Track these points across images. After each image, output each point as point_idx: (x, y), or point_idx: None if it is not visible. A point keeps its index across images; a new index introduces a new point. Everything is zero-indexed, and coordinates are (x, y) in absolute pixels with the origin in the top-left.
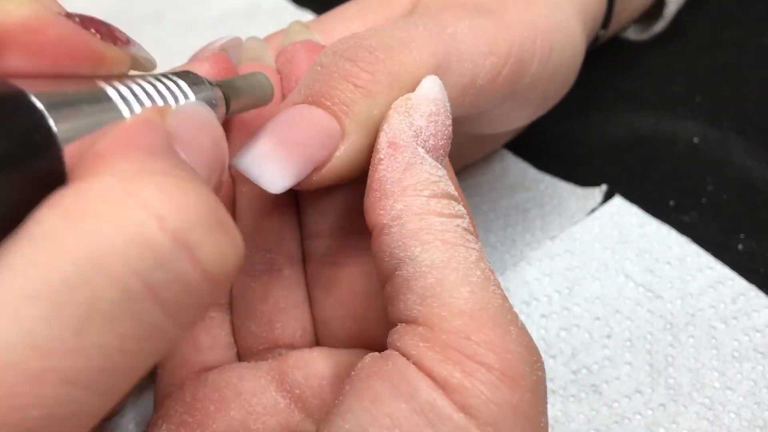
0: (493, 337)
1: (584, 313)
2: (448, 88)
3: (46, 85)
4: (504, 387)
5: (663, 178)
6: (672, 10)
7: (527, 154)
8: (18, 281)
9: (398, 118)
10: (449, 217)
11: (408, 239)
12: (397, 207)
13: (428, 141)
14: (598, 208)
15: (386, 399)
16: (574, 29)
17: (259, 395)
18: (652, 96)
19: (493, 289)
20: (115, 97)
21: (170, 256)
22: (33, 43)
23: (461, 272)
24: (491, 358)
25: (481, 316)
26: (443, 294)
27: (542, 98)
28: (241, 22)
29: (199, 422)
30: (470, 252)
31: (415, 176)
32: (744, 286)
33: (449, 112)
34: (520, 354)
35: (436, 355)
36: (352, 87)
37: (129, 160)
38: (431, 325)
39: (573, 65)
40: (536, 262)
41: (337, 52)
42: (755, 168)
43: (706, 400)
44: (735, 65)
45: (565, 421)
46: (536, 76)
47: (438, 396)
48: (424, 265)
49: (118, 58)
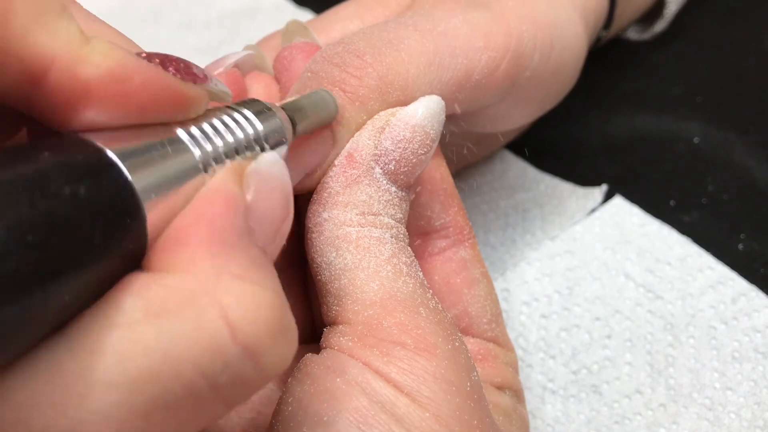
0: (403, 318)
1: (584, 313)
2: (442, 85)
3: (125, 141)
4: (420, 358)
5: (663, 178)
6: (672, 10)
7: (527, 155)
8: (100, 369)
9: (367, 134)
10: (367, 227)
11: (325, 246)
12: (323, 215)
13: (389, 164)
14: (599, 208)
15: (322, 377)
16: (575, 27)
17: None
18: (652, 96)
19: (404, 280)
20: (192, 146)
21: (237, 363)
22: (119, 94)
23: (371, 270)
24: (403, 336)
25: (390, 304)
26: (354, 291)
27: (545, 95)
28: (240, 21)
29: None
30: (382, 251)
31: (353, 194)
32: (744, 286)
33: (431, 140)
34: (432, 329)
35: (355, 344)
36: (342, 93)
37: (212, 255)
38: (347, 320)
39: (575, 63)
40: (536, 263)
41: (326, 59)
42: (756, 168)
43: (706, 401)
44: (736, 65)
45: (566, 421)
46: (538, 71)
47: (366, 371)
48: (337, 269)
49: (199, 98)
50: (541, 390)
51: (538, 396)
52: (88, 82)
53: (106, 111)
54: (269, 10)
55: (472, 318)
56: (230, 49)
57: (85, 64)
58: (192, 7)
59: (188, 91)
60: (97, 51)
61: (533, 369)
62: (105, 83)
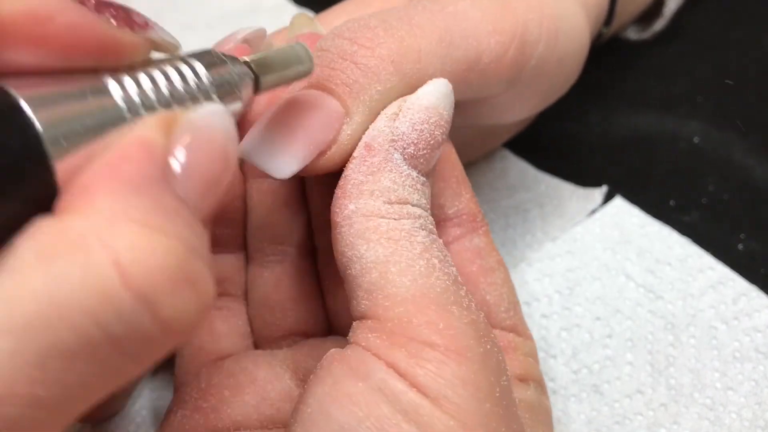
0: (435, 318)
1: (585, 313)
2: (453, 63)
3: (43, 87)
4: (450, 361)
5: (664, 178)
6: (672, 8)
7: (528, 154)
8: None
9: (382, 122)
10: (398, 218)
11: (355, 238)
12: (350, 207)
13: (408, 148)
14: (599, 209)
15: (344, 381)
16: (579, 20)
17: (274, 382)
18: (653, 95)
19: (437, 276)
20: (119, 98)
21: (130, 311)
22: (38, 35)
23: (403, 264)
24: (434, 336)
25: (422, 302)
26: (386, 286)
27: (549, 87)
28: (241, 21)
29: (213, 407)
30: (414, 245)
31: (377, 182)
32: (745, 286)
33: (445, 121)
34: (464, 330)
35: (383, 342)
36: (353, 66)
37: (112, 198)
38: (377, 316)
39: (579, 55)
40: (537, 263)
41: (337, 35)
42: (756, 168)
43: (707, 401)
44: (736, 65)
45: (566, 421)
46: (543, 60)
47: (391, 375)
48: (369, 262)
49: (135, 46)
50: None
51: None
52: (4, 20)
53: (25, 52)
54: (270, 10)
55: (490, 307)
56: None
57: (3, 2)
58: (193, 8)
59: (121, 37)
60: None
61: None
62: (23, 23)
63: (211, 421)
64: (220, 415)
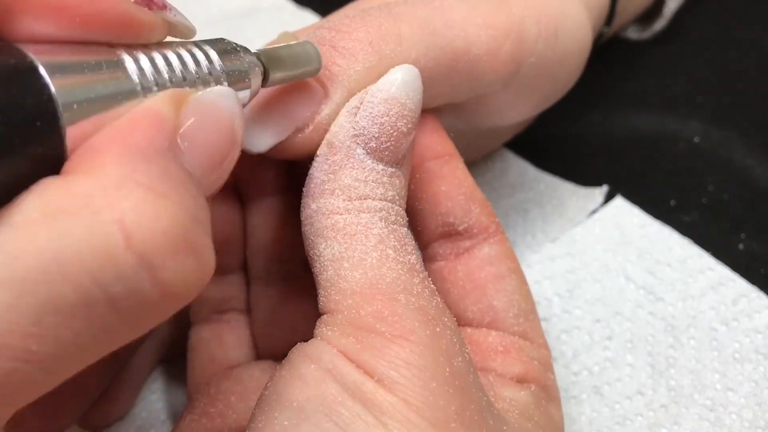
0: (381, 307)
1: (585, 315)
2: (438, 51)
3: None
4: (393, 345)
5: (664, 178)
6: (672, 8)
7: (528, 154)
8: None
9: (343, 117)
10: (357, 213)
11: (315, 237)
12: (312, 207)
13: (370, 143)
14: (599, 209)
15: (299, 364)
16: (581, 19)
17: None
18: (653, 95)
19: (389, 266)
20: (134, 73)
21: (131, 273)
22: (59, 5)
23: (356, 259)
24: (378, 324)
25: (369, 292)
26: (339, 282)
27: (550, 86)
28: (241, 21)
29: (220, 412)
30: (369, 238)
31: (338, 180)
32: (745, 287)
33: (409, 110)
34: (409, 315)
35: (334, 333)
36: (332, 49)
37: (120, 163)
38: (331, 310)
39: (580, 55)
40: (537, 265)
41: (318, 26)
42: (756, 167)
43: (707, 402)
44: (736, 65)
45: (567, 422)
46: (543, 58)
47: (340, 358)
48: (326, 260)
49: (152, 25)
50: None
51: None
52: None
53: (45, 21)
54: (269, 10)
55: (497, 312)
56: None
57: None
58: (192, 7)
59: (140, 15)
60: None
61: None
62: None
63: (217, 426)
64: (226, 420)
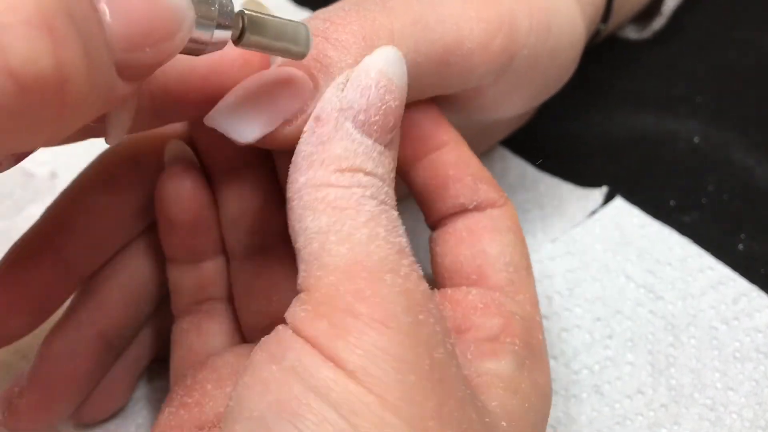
0: (363, 286)
1: (585, 313)
2: (430, 44)
3: None
4: (371, 331)
5: (663, 178)
6: (670, 6)
7: (527, 154)
8: None
9: (330, 92)
10: (348, 186)
11: (303, 210)
12: (300, 180)
13: (358, 116)
14: (599, 210)
15: (261, 367)
16: (574, 13)
17: None
18: (652, 95)
19: (377, 244)
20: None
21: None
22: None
23: (344, 233)
24: (358, 305)
25: (354, 269)
26: (323, 256)
27: (543, 81)
28: None
29: (197, 401)
30: (361, 214)
31: (327, 151)
32: (745, 286)
33: (396, 86)
34: (392, 298)
35: (308, 315)
36: (324, 41)
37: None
38: (309, 287)
39: (573, 50)
40: (537, 265)
41: (312, 17)
42: (756, 167)
43: (707, 401)
44: (736, 65)
45: (567, 421)
46: (534, 52)
47: (306, 352)
48: (312, 233)
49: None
50: None
51: None
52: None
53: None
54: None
55: (488, 256)
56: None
57: None
58: None
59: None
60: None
61: None
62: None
63: (195, 415)
64: (203, 409)
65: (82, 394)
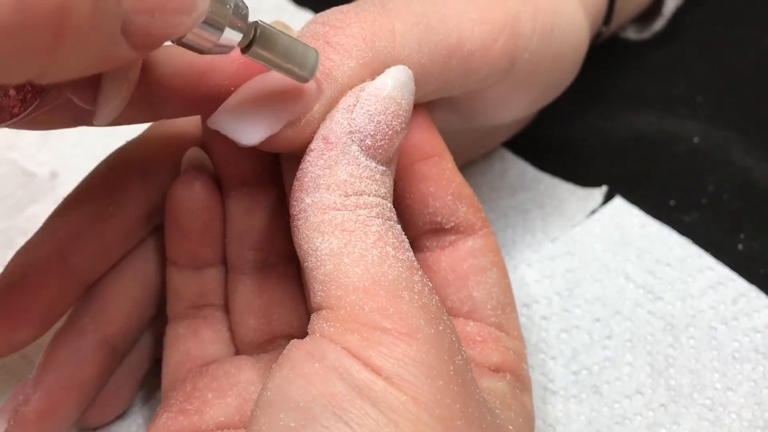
0: (385, 304)
1: (584, 314)
2: (432, 46)
3: None
4: (401, 342)
5: (663, 178)
6: (671, 7)
7: (527, 154)
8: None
9: (340, 113)
10: (353, 209)
11: (311, 231)
12: (306, 201)
13: (365, 140)
14: (599, 210)
15: (301, 363)
16: (578, 16)
17: (257, 384)
18: (652, 96)
19: (389, 263)
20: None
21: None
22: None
23: (356, 255)
24: (384, 321)
25: (373, 289)
26: (339, 277)
27: (545, 84)
28: None
29: (197, 409)
30: (369, 235)
31: (334, 175)
32: (744, 286)
33: (403, 110)
34: (414, 313)
35: (337, 330)
36: (325, 45)
37: None
38: (331, 306)
39: (576, 53)
40: (537, 264)
41: (312, 21)
42: (756, 168)
43: (707, 401)
44: (736, 65)
45: (566, 422)
46: (537, 55)
47: (345, 356)
48: (323, 254)
49: None
50: (541, 391)
51: (539, 396)
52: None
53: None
54: (269, 10)
55: (476, 302)
56: None
57: None
58: None
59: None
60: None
61: (534, 370)
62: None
63: (194, 423)
64: (203, 417)
65: (88, 399)
